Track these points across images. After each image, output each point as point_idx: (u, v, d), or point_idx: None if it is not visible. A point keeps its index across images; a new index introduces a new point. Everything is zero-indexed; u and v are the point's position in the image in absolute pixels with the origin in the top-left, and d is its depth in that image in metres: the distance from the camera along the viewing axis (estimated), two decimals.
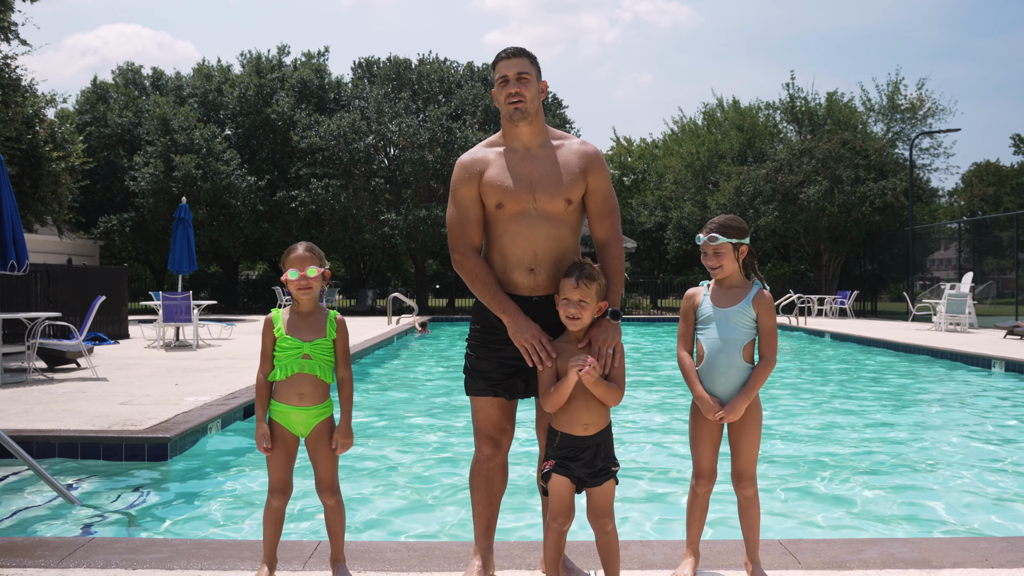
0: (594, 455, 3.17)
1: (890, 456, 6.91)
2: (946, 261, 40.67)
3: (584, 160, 3.43)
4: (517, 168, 3.40)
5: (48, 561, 3.67)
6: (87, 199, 31.39)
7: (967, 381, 11.83)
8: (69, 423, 6.88)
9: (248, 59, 38.64)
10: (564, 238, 3.40)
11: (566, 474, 3.17)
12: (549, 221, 3.37)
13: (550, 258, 3.36)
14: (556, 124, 36.65)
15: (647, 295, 39.95)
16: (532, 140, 3.45)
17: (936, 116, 37.84)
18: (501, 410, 3.49)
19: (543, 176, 3.38)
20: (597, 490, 3.19)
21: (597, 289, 3.18)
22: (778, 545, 3.89)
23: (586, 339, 3.22)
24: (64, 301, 14.79)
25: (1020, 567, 3.61)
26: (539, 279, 3.36)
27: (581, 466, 3.16)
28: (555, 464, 3.19)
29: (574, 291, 3.15)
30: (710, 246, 3.47)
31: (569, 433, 3.17)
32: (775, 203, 31.98)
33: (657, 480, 6.15)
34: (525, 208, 3.37)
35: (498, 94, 3.42)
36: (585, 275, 3.16)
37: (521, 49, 3.41)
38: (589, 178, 3.42)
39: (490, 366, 3.44)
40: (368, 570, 3.59)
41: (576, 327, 3.20)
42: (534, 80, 3.39)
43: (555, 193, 3.36)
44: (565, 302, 3.18)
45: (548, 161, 3.42)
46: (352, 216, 32.61)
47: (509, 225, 3.39)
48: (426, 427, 8.21)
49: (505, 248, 3.41)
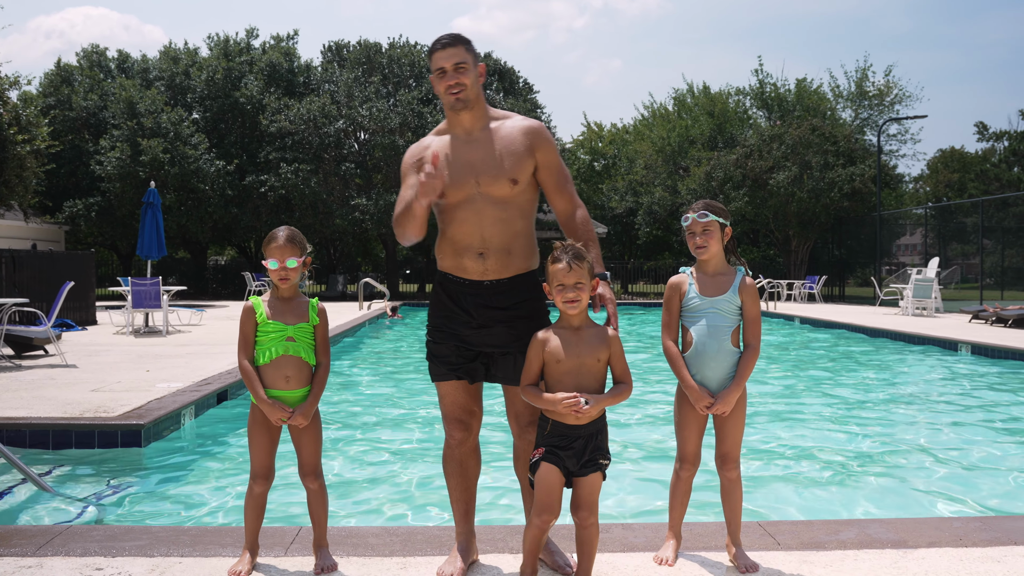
0: (585, 445, 3.08)
1: (865, 439, 7.01)
2: (912, 246, 41.14)
3: (529, 137, 3.40)
4: (458, 154, 3.38)
5: (25, 550, 3.62)
6: (52, 183, 30.85)
7: (936, 364, 12.01)
8: (39, 410, 6.78)
9: (216, 42, 38.10)
10: (512, 220, 3.38)
11: (556, 463, 3.07)
12: (496, 204, 3.35)
13: (499, 242, 3.35)
14: (527, 109, 36.57)
15: (617, 280, 40.09)
16: (474, 124, 3.42)
17: (903, 102, 38.28)
18: (466, 393, 3.48)
19: (484, 159, 3.36)
20: (583, 481, 3.10)
21: (588, 267, 3.13)
22: (757, 527, 3.93)
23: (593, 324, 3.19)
24: (30, 287, 14.57)
25: (993, 546, 3.68)
26: (488, 263, 3.35)
27: (571, 455, 3.08)
28: (545, 452, 3.09)
29: (568, 275, 3.09)
30: (699, 223, 3.45)
31: (561, 421, 3.09)
32: (745, 188, 32.18)
33: (639, 463, 6.18)
34: (469, 194, 3.35)
35: (437, 84, 3.40)
36: (575, 256, 3.10)
37: (456, 37, 3.38)
38: (537, 154, 3.40)
39: (448, 350, 3.44)
40: (351, 555, 3.58)
41: (575, 310, 3.12)
42: (471, 67, 3.36)
43: (498, 175, 3.34)
44: (560, 288, 3.11)
45: (489, 143, 3.39)
46: (322, 201, 32.35)
47: (456, 212, 3.38)
48: (402, 411, 8.19)
49: (454, 235, 3.40)
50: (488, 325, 3.37)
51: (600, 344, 3.13)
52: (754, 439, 6.90)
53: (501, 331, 3.36)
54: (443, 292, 3.47)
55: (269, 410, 3.34)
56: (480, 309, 3.37)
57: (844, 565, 3.45)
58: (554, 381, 3.11)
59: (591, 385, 3.10)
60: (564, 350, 3.09)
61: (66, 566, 3.45)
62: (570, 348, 3.10)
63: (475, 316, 3.38)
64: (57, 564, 3.47)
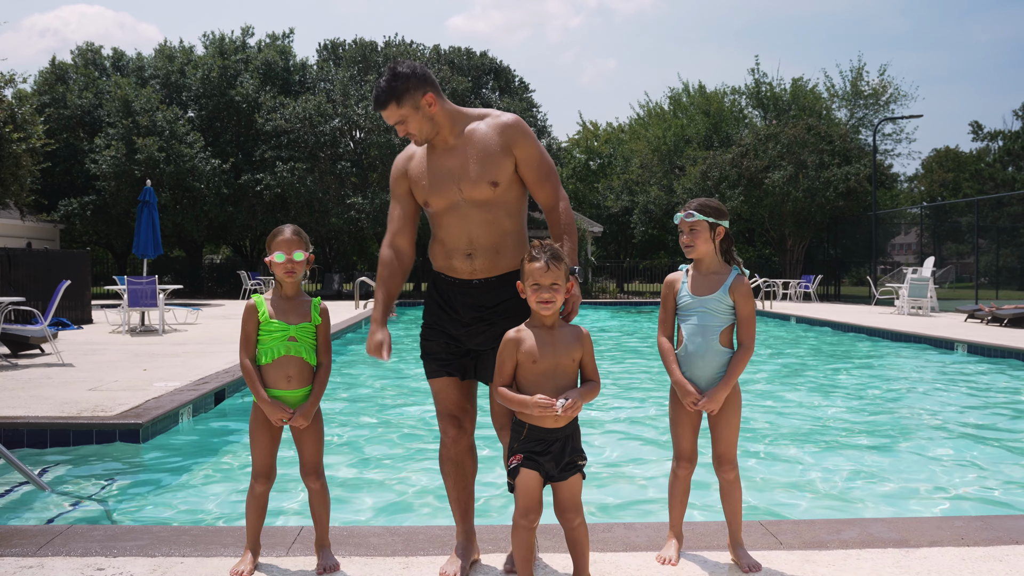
0: (563, 448, 3.06)
1: (867, 438, 7.01)
2: (906, 246, 41.24)
3: (504, 135, 3.40)
4: (438, 164, 3.44)
5: (25, 550, 3.60)
6: (47, 182, 30.78)
7: (932, 363, 12.04)
8: (37, 409, 6.76)
9: (211, 40, 38.01)
10: (499, 221, 3.41)
11: (535, 468, 3.05)
12: (480, 207, 3.38)
13: (486, 242, 3.39)
14: (523, 108, 36.57)
15: (613, 279, 40.10)
16: (449, 134, 3.44)
17: (898, 102, 38.38)
18: (459, 390, 3.52)
19: (463, 165, 3.39)
20: (564, 484, 3.08)
21: (565, 269, 3.11)
22: (759, 527, 3.93)
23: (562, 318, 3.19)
24: (26, 285, 14.51)
25: (994, 545, 3.68)
26: (476, 263, 3.39)
27: (549, 460, 3.05)
28: (523, 458, 3.06)
29: (545, 275, 3.05)
30: (686, 222, 3.47)
31: (538, 426, 3.06)
32: (740, 188, 32.22)
33: (636, 464, 6.18)
34: (454, 200, 3.40)
35: None
36: (554, 256, 3.07)
37: (384, 94, 3.35)
38: (515, 151, 3.40)
39: (439, 347, 3.50)
40: (352, 555, 3.58)
41: (549, 311, 3.07)
42: (414, 113, 3.35)
43: (478, 180, 3.36)
44: (536, 287, 3.06)
45: (466, 149, 3.41)
46: (318, 200, 32.32)
47: (443, 219, 3.45)
48: (400, 409, 8.19)
49: (444, 239, 3.47)
50: (474, 323, 3.42)
51: (575, 343, 3.12)
52: (752, 439, 6.91)
53: (485, 329, 3.41)
54: (435, 291, 3.54)
55: (270, 410, 3.33)
56: (468, 308, 3.42)
57: (847, 564, 3.46)
58: (529, 383, 3.08)
59: (567, 385, 3.08)
60: (539, 350, 3.06)
61: (67, 566, 3.43)
62: (545, 348, 3.07)
63: (463, 314, 3.43)
64: (58, 564, 3.45)
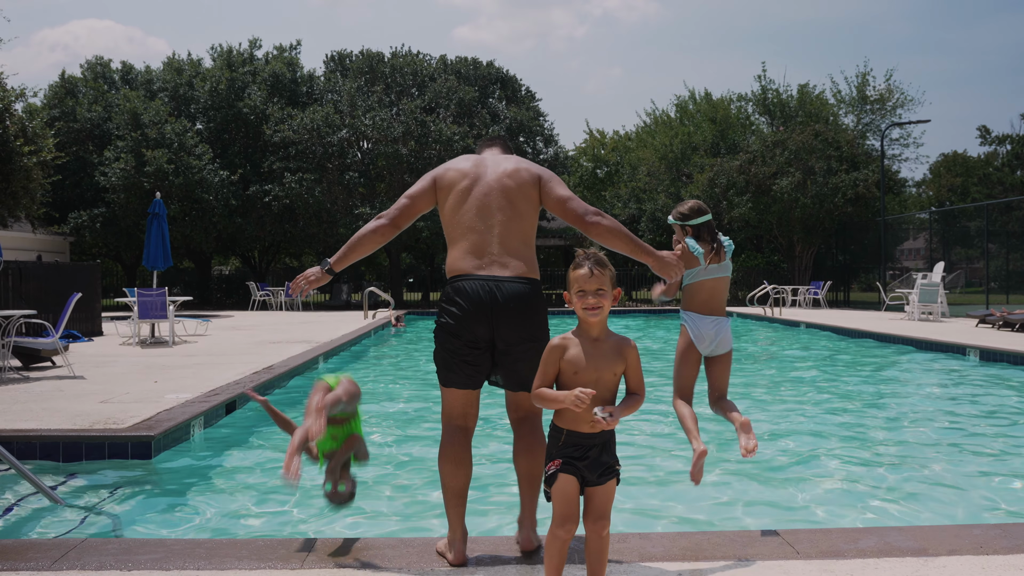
0: (600, 453, 3.02)
1: (882, 446, 6.96)
2: (915, 251, 41.12)
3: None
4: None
5: (40, 563, 3.60)
6: (57, 195, 30.95)
7: (945, 369, 11.97)
8: (49, 422, 6.76)
9: (219, 53, 38.21)
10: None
11: (574, 473, 2.99)
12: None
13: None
14: (530, 117, 36.64)
15: (621, 287, 39.98)
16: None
17: (905, 107, 38.20)
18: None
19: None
20: (599, 490, 3.02)
21: (610, 275, 3.05)
22: (776, 536, 3.90)
23: None
24: (37, 298, 14.56)
25: (1013, 553, 3.65)
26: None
27: (587, 465, 3.00)
28: (562, 463, 3.00)
29: (589, 281, 3.00)
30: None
31: (575, 431, 3.01)
32: (748, 195, 32.17)
33: (650, 470, 6.15)
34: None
35: None
36: (597, 262, 3.02)
37: None
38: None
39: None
40: (365, 568, 3.56)
41: (597, 318, 3.01)
42: None
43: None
44: (581, 295, 3.01)
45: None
46: (326, 210, 32.41)
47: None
48: (411, 418, 8.16)
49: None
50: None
51: (618, 358, 3.05)
52: (767, 446, 6.87)
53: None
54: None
55: None
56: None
57: (865, 573, 3.43)
58: None
59: (607, 399, 3.04)
60: (585, 361, 3.01)
61: None
62: (590, 360, 3.01)
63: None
64: None
